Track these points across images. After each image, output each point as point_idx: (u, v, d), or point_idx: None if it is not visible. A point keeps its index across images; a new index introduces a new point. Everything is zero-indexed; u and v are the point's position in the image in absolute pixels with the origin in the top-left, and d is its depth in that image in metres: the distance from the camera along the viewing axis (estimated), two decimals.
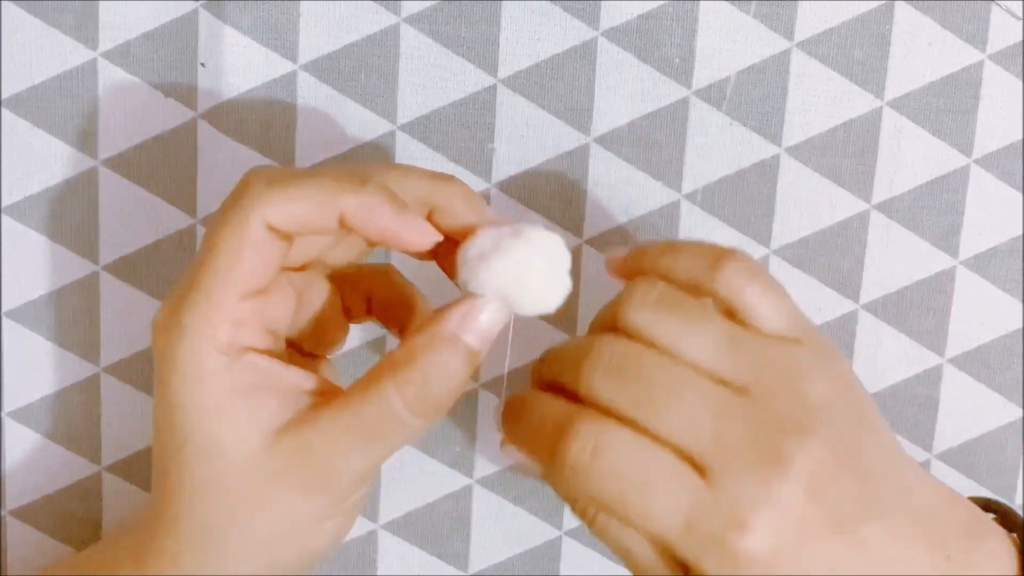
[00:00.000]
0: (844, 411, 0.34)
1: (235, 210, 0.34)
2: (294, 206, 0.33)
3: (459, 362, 0.34)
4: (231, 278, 0.34)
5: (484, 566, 0.47)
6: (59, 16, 0.42)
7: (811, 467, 0.32)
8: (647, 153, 0.44)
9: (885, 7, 0.43)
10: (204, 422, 0.34)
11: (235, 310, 0.34)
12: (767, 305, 0.35)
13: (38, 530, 0.46)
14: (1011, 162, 0.44)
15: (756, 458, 0.32)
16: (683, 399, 0.33)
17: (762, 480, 0.32)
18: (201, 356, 0.34)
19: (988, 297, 0.45)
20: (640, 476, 0.33)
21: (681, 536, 0.33)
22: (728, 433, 0.33)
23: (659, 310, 0.34)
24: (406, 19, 0.43)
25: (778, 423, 0.33)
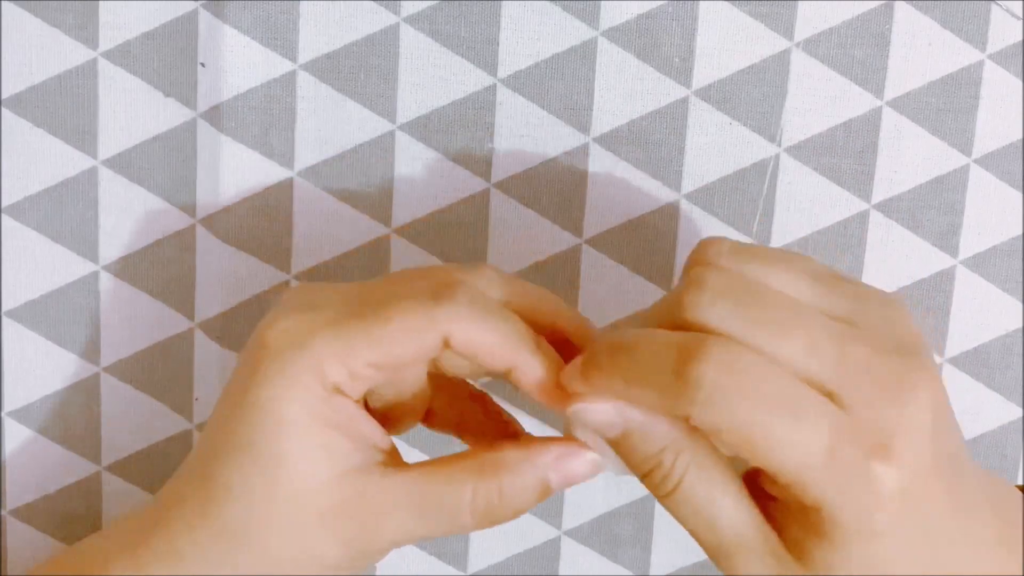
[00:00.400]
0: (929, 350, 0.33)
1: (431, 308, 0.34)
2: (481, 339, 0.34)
3: (534, 495, 0.34)
4: (382, 351, 0.34)
5: (484, 566, 0.47)
6: (59, 16, 0.42)
7: (935, 394, 0.32)
8: (647, 153, 0.44)
9: (885, 7, 0.43)
10: (283, 436, 0.34)
11: (360, 368, 0.34)
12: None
13: (38, 530, 0.46)
14: (1011, 162, 0.44)
15: (887, 384, 0.31)
16: (802, 321, 0.32)
17: (897, 406, 0.31)
18: (307, 377, 0.34)
19: (988, 297, 0.45)
20: (784, 399, 0.31)
21: (822, 466, 0.30)
22: (852, 358, 0.31)
23: (740, 255, 0.33)
24: (406, 19, 0.43)
25: (894, 349, 0.32)
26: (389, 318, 0.33)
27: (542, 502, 0.35)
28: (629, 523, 0.47)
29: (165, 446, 0.46)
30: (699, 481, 0.33)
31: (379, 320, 0.34)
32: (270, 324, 0.35)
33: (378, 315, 0.34)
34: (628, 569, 0.47)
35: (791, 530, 0.33)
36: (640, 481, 0.34)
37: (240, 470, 0.34)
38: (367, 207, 0.44)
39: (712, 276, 0.32)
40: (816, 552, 0.32)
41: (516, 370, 0.34)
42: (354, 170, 0.44)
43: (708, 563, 0.47)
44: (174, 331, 0.45)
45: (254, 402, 0.34)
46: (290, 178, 0.44)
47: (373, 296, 0.35)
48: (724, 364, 0.31)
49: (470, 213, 0.44)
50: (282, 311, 0.35)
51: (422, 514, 0.34)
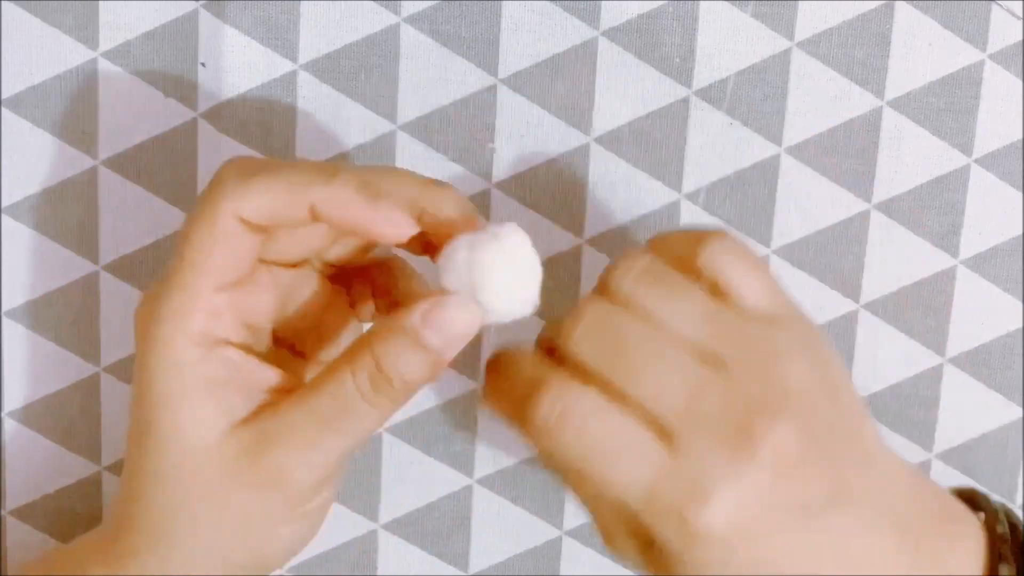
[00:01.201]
0: (820, 397, 0.34)
1: (207, 203, 0.34)
2: (263, 198, 0.34)
3: (417, 355, 0.34)
4: (204, 269, 0.34)
5: (484, 566, 0.47)
6: (59, 16, 0.42)
7: (780, 450, 0.32)
8: (647, 153, 0.44)
9: (885, 7, 0.43)
10: (169, 410, 0.34)
11: (210, 301, 0.34)
12: (749, 283, 0.35)
13: (38, 530, 0.46)
14: (1011, 162, 0.44)
15: (725, 434, 0.32)
16: (658, 365, 0.33)
17: (729, 456, 0.32)
18: (175, 345, 0.34)
19: (988, 297, 0.45)
20: (605, 442, 0.32)
21: (642, 505, 0.32)
22: (700, 405, 0.32)
23: (644, 279, 0.34)
24: (406, 19, 0.43)
25: (752, 402, 0.32)
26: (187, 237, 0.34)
27: (438, 374, 0.34)
28: None
29: None
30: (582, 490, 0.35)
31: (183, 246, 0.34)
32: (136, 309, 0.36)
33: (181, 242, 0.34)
34: (629, 569, 0.47)
35: None
36: None
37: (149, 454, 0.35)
38: None
39: (591, 309, 0.34)
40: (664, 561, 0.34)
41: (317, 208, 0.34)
42: None
43: None
44: None
45: (142, 385, 0.35)
46: None
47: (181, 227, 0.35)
48: (555, 405, 0.33)
49: None
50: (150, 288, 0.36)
51: (321, 425, 0.34)
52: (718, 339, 0.33)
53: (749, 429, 0.32)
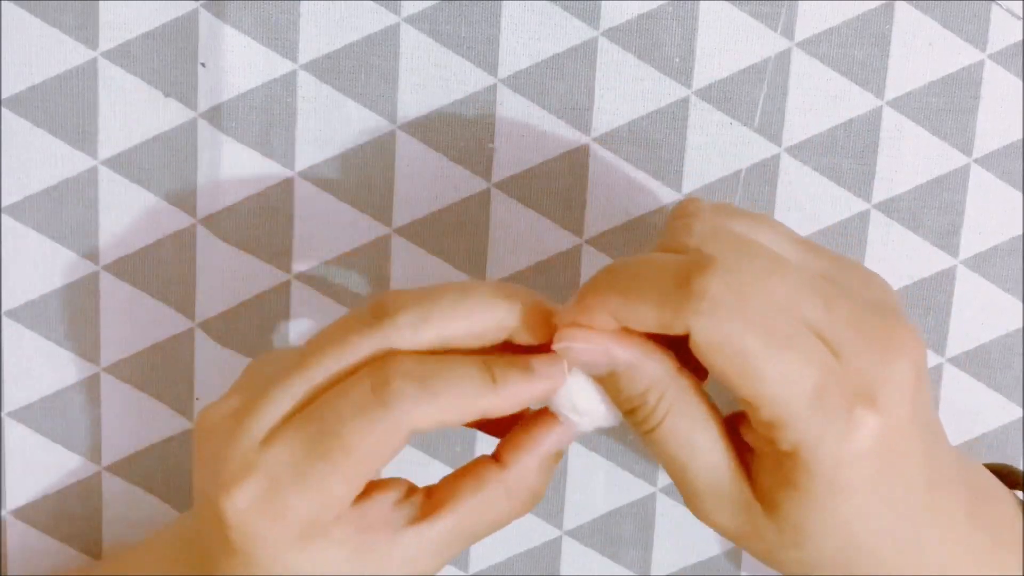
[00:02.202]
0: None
1: (383, 412, 0.32)
2: (443, 414, 0.32)
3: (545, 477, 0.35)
4: (355, 482, 0.32)
5: (484, 566, 0.47)
6: (59, 16, 0.42)
7: (918, 353, 0.32)
8: (647, 153, 0.44)
9: (885, 7, 0.43)
10: None
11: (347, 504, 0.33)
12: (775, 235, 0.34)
13: (38, 530, 0.46)
14: (1011, 162, 0.44)
15: (870, 337, 0.31)
16: (788, 273, 0.31)
17: (883, 357, 0.31)
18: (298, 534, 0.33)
19: (988, 297, 0.45)
20: (782, 329, 0.30)
21: (807, 404, 0.30)
22: (840, 310, 0.31)
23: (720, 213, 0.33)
24: (406, 19, 0.43)
25: (876, 308, 0.32)
26: (348, 448, 0.32)
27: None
28: (630, 523, 0.47)
29: (165, 446, 0.46)
30: (680, 423, 0.32)
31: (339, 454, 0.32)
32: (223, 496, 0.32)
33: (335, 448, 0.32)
34: (629, 569, 0.47)
35: (764, 481, 0.32)
36: (623, 418, 0.34)
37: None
38: (367, 207, 0.44)
39: (700, 223, 0.33)
40: (786, 504, 0.32)
41: (490, 413, 0.33)
42: (354, 170, 0.44)
43: (709, 563, 0.47)
44: (174, 331, 0.45)
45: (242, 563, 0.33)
46: (290, 178, 0.44)
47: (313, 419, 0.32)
48: (730, 281, 0.30)
49: (470, 213, 0.44)
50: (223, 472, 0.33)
51: (466, 543, 0.35)
52: (813, 256, 0.33)
53: (891, 334, 0.31)
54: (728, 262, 0.31)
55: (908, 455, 0.32)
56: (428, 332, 0.33)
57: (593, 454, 0.46)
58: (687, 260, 0.31)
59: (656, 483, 0.46)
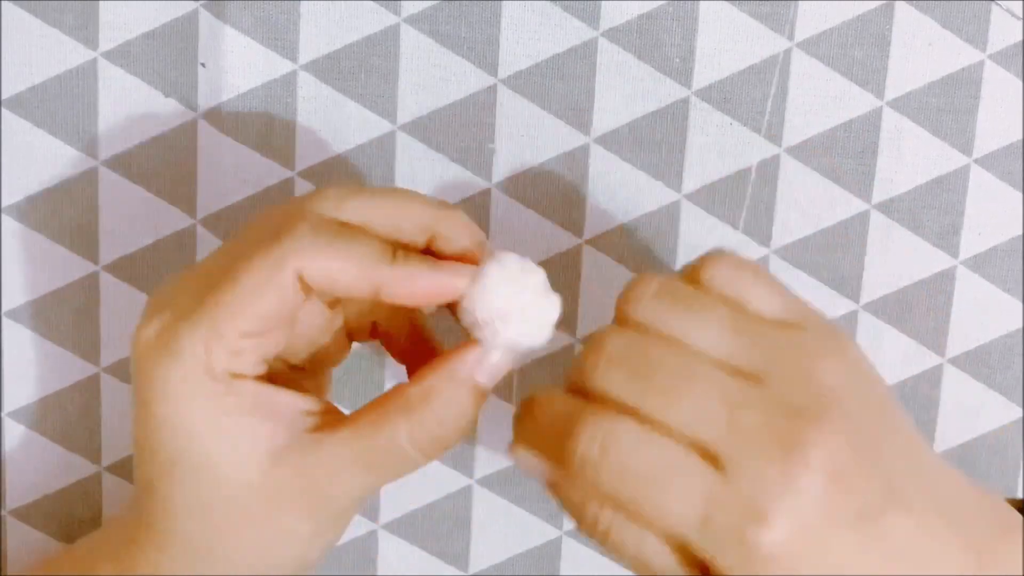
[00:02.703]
0: (860, 395, 0.33)
1: (272, 250, 0.33)
2: (334, 266, 0.33)
3: (471, 403, 0.34)
4: (244, 315, 0.33)
5: (484, 566, 0.47)
6: (59, 16, 0.42)
7: (831, 454, 0.31)
8: (647, 153, 0.44)
9: (885, 7, 0.43)
10: (198, 444, 0.33)
11: (235, 343, 0.33)
12: (760, 293, 0.34)
13: (38, 530, 0.46)
14: (1011, 162, 0.44)
15: (773, 446, 0.31)
16: (693, 387, 0.32)
17: (781, 469, 0.31)
18: (194, 381, 0.33)
19: (988, 297, 0.45)
20: (652, 470, 0.31)
21: (698, 531, 0.31)
22: (742, 421, 0.31)
23: (660, 301, 0.33)
24: (406, 19, 0.43)
25: (794, 410, 0.31)
26: (235, 279, 0.33)
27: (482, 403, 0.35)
28: None
29: None
30: (625, 529, 0.33)
31: (227, 286, 0.33)
32: (138, 333, 0.34)
33: (226, 281, 0.33)
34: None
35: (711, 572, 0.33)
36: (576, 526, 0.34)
37: (181, 488, 0.34)
38: None
39: (611, 340, 0.33)
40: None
41: (383, 289, 0.34)
42: (354, 170, 0.44)
43: None
44: None
45: (159, 422, 0.34)
46: (290, 178, 0.44)
47: (222, 262, 0.34)
48: (595, 438, 0.32)
49: (470, 213, 0.44)
50: (147, 313, 0.35)
51: (369, 467, 0.34)
52: (746, 350, 0.32)
53: (796, 439, 0.31)
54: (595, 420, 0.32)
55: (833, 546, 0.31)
56: (350, 206, 0.34)
57: None
58: (564, 418, 0.32)
59: None
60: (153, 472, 0.35)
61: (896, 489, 0.32)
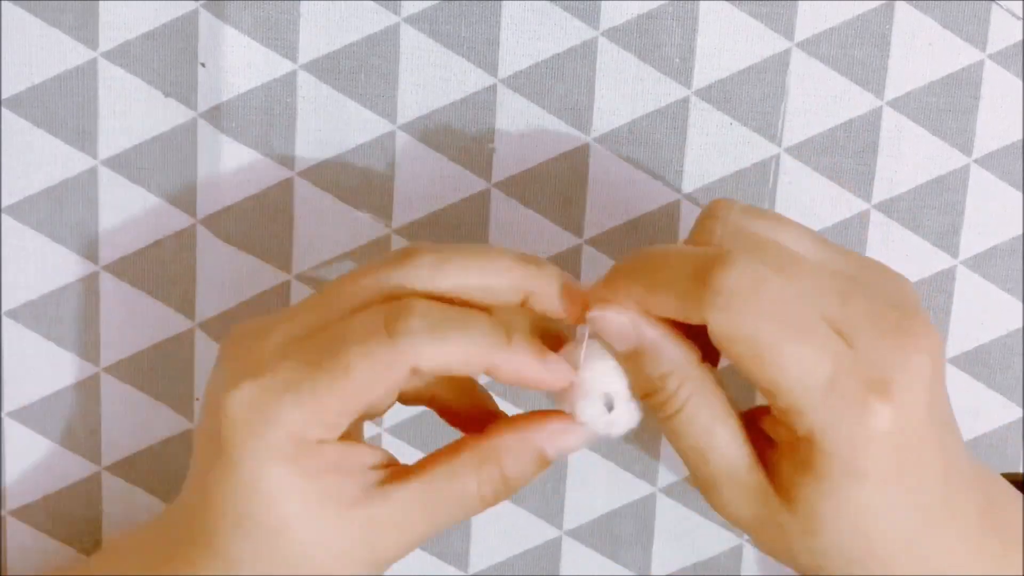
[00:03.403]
0: None
1: (389, 346, 0.32)
2: (449, 358, 0.33)
3: (534, 469, 0.35)
4: (349, 404, 0.33)
5: (484, 566, 0.47)
6: (59, 16, 0.42)
7: (935, 352, 0.32)
8: (647, 153, 0.44)
9: (885, 7, 0.43)
10: (276, 506, 0.33)
11: (336, 420, 0.33)
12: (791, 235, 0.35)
13: (38, 530, 0.46)
14: (1011, 162, 0.44)
15: (887, 329, 0.32)
16: (808, 267, 0.33)
17: (899, 348, 0.32)
18: (284, 447, 0.33)
19: (988, 297, 0.45)
20: (797, 319, 0.31)
21: (822, 392, 0.31)
22: (856, 304, 0.32)
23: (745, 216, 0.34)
24: (406, 19, 0.43)
25: (894, 303, 0.33)
26: (348, 367, 0.33)
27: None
28: (630, 523, 0.47)
29: (165, 446, 0.46)
30: (699, 410, 0.33)
31: (339, 372, 0.33)
32: (227, 392, 0.34)
33: (337, 366, 0.33)
34: (629, 569, 0.47)
35: (782, 470, 0.33)
36: (643, 401, 0.34)
37: (247, 543, 0.34)
38: (367, 207, 0.44)
39: (720, 229, 0.34)
40: (803, 492, 0.32)
41: (497, 371, 0.34)
42: (354, 170, 0.44)
43: (709, 563, 0.47)
44: (174, 331, 0.45)
45: (240, 479, 0.33)
46: (290, 178, 0.44)
47: (323, 338, 0.34)
48: (746, 275, 0.31)
49: (470, 213, 0.44)
50: (232, 373, 0.34)
51: (434, 517, 0.34)
52: (836, 256, 0.34)
53: (905, 325, 0.32)
54: (746, 258, 0.32)
55: (923, 448, 0.32)
56: (447, 275, 0.34)
57: (593, 454, 0.46)
58: (708, 254, 0.32)
59: (656, 483, 0.46)
60: (219, 524, 0.34)
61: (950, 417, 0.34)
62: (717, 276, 0.31)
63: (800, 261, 0.33)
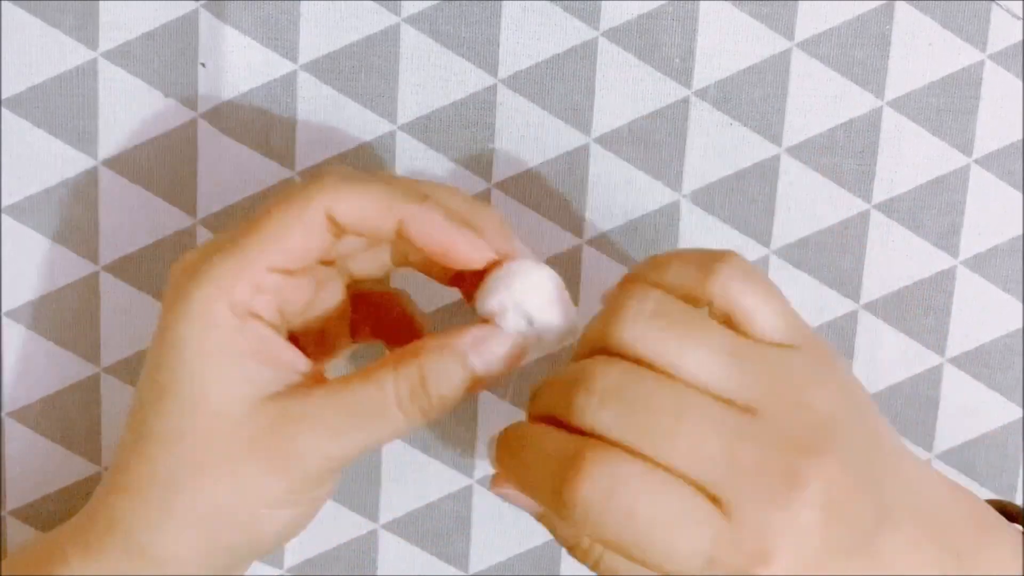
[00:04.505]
0: (851, 420, 0.33)
1: (302, 190, 0.34)
2: (360, 202, 0.34)
3: (460, 376, 0.34)
4: (272, 247, 0.34)
5: (484, 566, 0.47)
6: (59, 16, 0.42)
7: (828, 487, 0.31)
8: (647, 153, 0.44)
9: (885, 7, 0.43)
10: (196, 373, 0.34)
11: (261, 277, 0.34)
12: (766, 310, 0.33)
13: (38, 530, 0.46)
14: (1011, 162, 0.44)
15: (773, 484, 0.31)
16: (691, 424, 0.31)
17: (781, 507, 0.31)
18: (213, 307, 0.34)
19: (988, 297, 0.45)
20: (660, 515, 0.31)
21: (702, 572, 0.31)
22: (741, 458, 0.31)
23: (654, 324, 0.32)
24: (406, 19, 0.43)
25: (790, 443, 0.31)
26: (268, 213, 0.34)
27: (472, 394, 0.35)
28: None
29: None
30: (618, 561, 0.33)
31: (261, 220, 0.34)
32: (177, 261, 0.36)
33: (259, 216, 0.34)
34: None
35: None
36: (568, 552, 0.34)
37: (164, 416, 0.34)
38: None
39: (599, 373, 0.32)
40: None
41: (407, 225, 0.34)
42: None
43: None
44: None
45: (169, 344, 0.34)
46: (291, 178, 0.44)
47: (262, 206, 0.35)
48: (600, 483, 0.31)
49: None
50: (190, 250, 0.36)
51: (349, 419, 0.34)
52: (743, 380, 0.32)
53: (794, 473, 0.31)
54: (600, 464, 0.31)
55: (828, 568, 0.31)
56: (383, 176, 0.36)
57: None
58: (563, 459, 0.31)
59: None
60: (146, 398, 0.35)
61: (887, 507, 0.33)
62: (569, 492, 0.31)
63: (680, 416, 0.31)
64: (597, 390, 0.32)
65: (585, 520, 0.31)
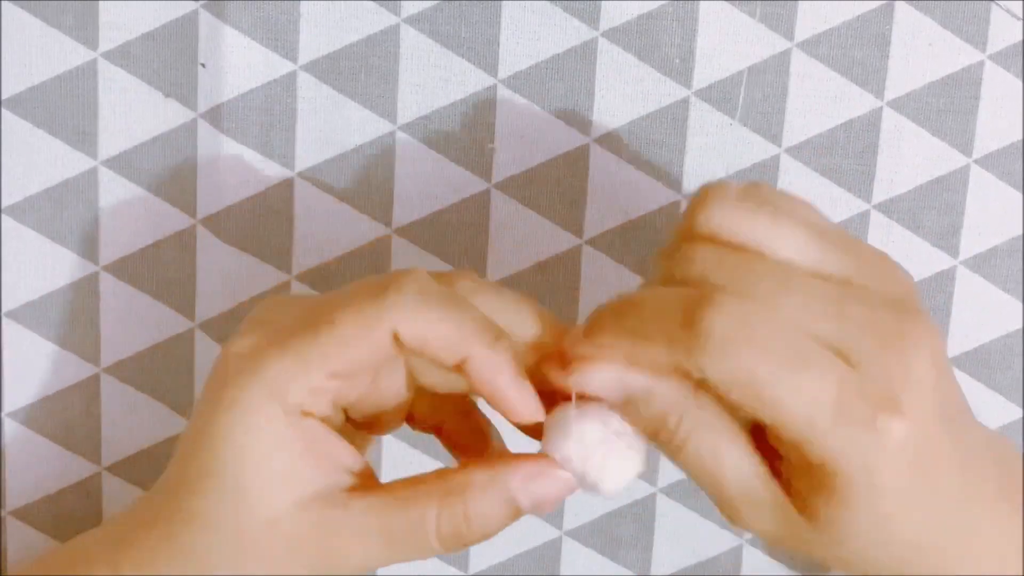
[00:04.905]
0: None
1: (376, 303, 0.33)
2: (430, 330, 0.33)
3: (503, 518, 0.33)
4: (334, 358, 0.33)
5: (484, 566, 0.47)
6: (59, 16, 0.42)
7: (935, 348, 0.31)
8: (647, 153, 0.44)
9: (885, 7, 0.43)
10: (242, 466, 0.33)
11: (319, 383, 0.33)
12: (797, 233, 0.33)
13: (38, 530, 0.46)
14: (1011, 162, 0.44)
15: (887, 339, 0.31)
16: (797, 285, 0.31)
17: (901, 357, 0.31)
18: (264, 406, 0.33)
19: (988, 297, 0.45)
20: (792, 351, 0.30)
21: (830, 420, 0.30)
22: (853, 315, 0.31)
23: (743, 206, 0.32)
24: (406, 19, 0.43)
25: (893, 306, 0.32)
26: (333, 322, 0.33)
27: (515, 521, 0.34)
28: (630, 524, 0.47)
29: (165, 446, 0.46)
30: (704, 440, 0.32)
31: (325, 327, 0.33)
32: (229, 344, 0.34)
33: (324, 322, 0.33)
34: (629, 569, 0.47)
35: (798, 486, 0.32)
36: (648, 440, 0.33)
37: (205, 499, 0.34)
38: (367, 207, 0.44)
39: (700, 251, 0.32)
40: (823, 509, 0.32)
41: (468, 362, 0.33)
42: (354, 170, 0.44)
43: (709, 563, 0.47)
44: (174, 331, 0.45)
45: (216, 431, 0.33)
46: (290, 178, 0.44)
47: (327, 304, 0.34)
48: (733, 314, 0.30)
49: (470, 213, 0.44)
50: (243, 329, 0.35)
51: (387, 542, 0.33)
52: (835, 256, 0.32)
53: (906, 332, 0.31)
54: (732, 291, 0.31)
55: (938, 449, 0.32)
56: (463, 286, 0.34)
57: None
58: (690, 297, 0.31)
59: (656, 483, 0.46)
60: (186, 477, 0.34)
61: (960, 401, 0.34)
62: (703, 320, 0.30)
63: (790, 283, 0.32)
64: (698, 259, 0.32)
65: (718, 350, 0.30)
